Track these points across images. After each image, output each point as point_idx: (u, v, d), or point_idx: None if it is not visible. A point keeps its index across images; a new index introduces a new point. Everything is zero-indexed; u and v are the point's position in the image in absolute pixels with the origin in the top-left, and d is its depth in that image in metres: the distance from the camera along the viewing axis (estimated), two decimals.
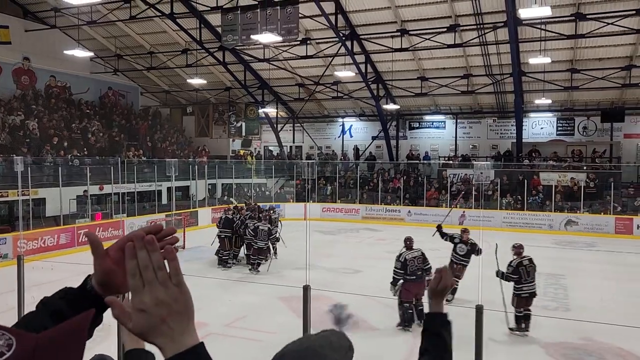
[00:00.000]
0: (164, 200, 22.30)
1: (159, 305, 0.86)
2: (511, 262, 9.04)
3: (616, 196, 21.64)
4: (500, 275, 8.96)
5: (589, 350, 8.35)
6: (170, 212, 20.27)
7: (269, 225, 14.06)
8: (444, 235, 11.40)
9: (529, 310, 8.85)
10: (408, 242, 9.65)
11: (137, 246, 0.88)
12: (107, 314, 1.03)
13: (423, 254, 9.45)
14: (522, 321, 8.84)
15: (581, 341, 8.64)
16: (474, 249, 10.91)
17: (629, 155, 24.89)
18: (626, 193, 22.51)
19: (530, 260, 9.04)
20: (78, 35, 22.28)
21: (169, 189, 22.44)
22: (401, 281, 9.30)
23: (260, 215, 15.29)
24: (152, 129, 28.77)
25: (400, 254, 9.44)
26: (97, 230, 17.91)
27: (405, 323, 9.17)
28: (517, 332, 8.86)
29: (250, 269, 13.95)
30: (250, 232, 13.83)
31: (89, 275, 1.11)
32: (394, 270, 9.39)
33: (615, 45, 20.25)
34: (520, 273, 8.84)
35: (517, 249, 9.19)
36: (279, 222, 15.97)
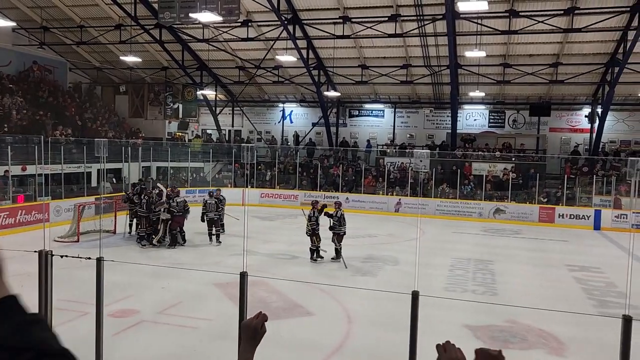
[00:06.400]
0: (94, 183, 21.26)
1: None
2: (336, 213, 13.35)
3: (541, 187, 22.89)
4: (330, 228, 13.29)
5: (513, 332, 8.79)
6: (100, 195, 19.35)
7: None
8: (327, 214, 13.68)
9: (341, 246, 13.21)
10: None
11: None
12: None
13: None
14: (339, 254, 13.19)
15: (506, 324, 9.07)
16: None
17: (554, 148, 26.41)
18: (550, 184, 23.86)
19: (343, 213, 13.49)
20: None
21: (99, 171, 21.39)
22: None
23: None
24: (81, 107, 27.28)
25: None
26: (20, 213, 16.84)
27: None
28: (337, 260, 13.12)
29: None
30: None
31: None
32: None
33: (544, 43, 21.29)
34: (340, 220, 13.24)
35: (339, 205, 13.65)
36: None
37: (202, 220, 15.71)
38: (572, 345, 8.29)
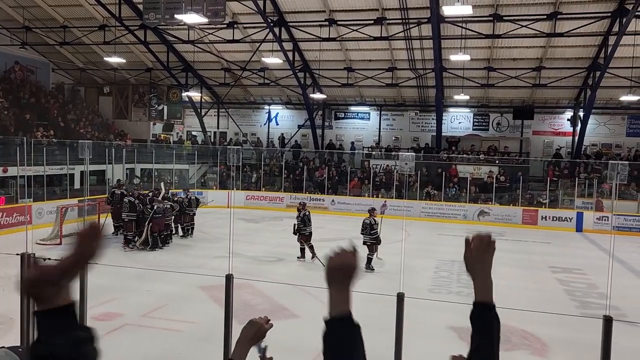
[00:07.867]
0: (77, 185, 20.99)
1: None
2: (299, 215, 13.76)
3: (524, 189, 23.15)
4: (294, 230, 13.69)
5: None
6: (83, 198, 19.11)
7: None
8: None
9: (312, 244, 13.49)
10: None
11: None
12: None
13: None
14: (312, 253, 13.38)
15: None
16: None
17: (537, 151, 26.73)
18: (533, 187, 24.14)
19: (309, 213, 13.92)
20: None
21: (82, 173, 21.12)
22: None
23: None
24: (64, 108, 26.93)
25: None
26: (1, 215, 16.56)
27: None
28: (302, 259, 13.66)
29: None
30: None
31: None
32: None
33: (528, 47, 21.56)
34: (305, 221, 13.64)
35: (303, 205, 13.95)
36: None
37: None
38: (555, 345, 8.39)
